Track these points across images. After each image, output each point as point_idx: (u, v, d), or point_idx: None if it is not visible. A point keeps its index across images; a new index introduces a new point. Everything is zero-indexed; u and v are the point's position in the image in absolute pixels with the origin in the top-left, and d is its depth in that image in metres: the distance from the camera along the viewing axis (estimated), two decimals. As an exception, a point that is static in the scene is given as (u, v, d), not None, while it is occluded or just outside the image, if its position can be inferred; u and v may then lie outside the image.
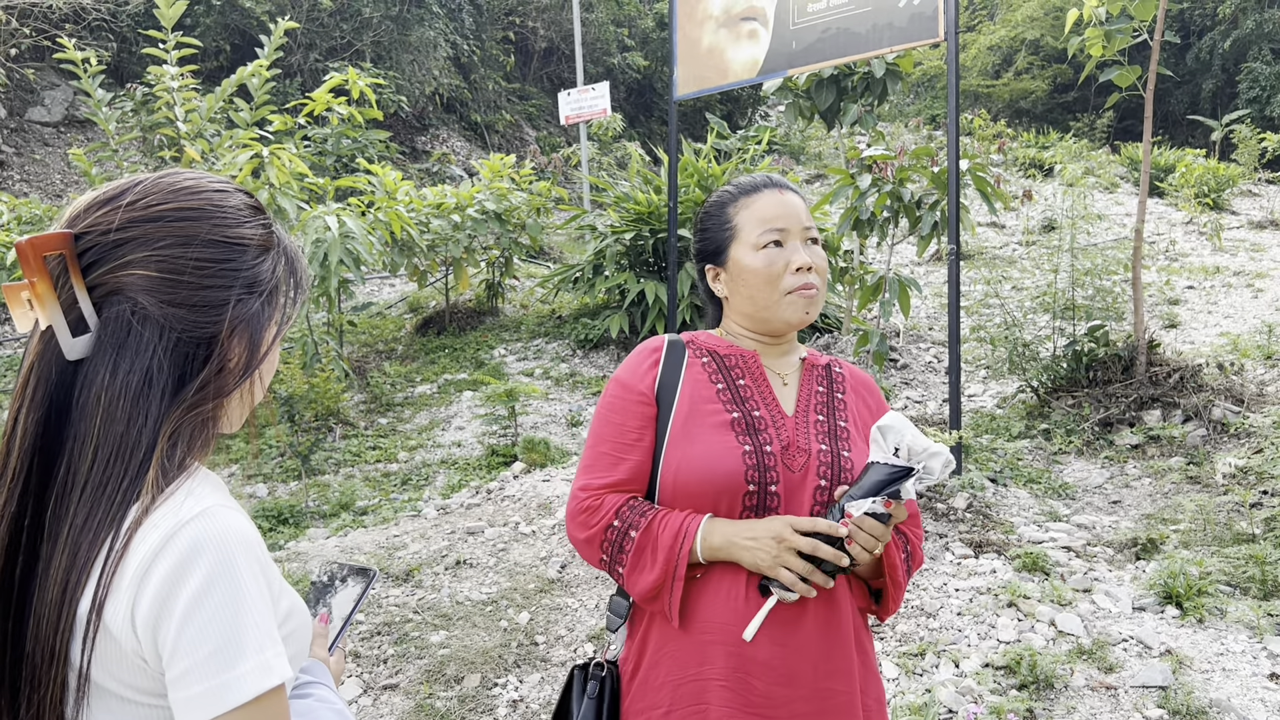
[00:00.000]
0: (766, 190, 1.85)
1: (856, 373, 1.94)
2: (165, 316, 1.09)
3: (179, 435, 1.09)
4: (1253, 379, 6.92)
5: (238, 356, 1.15)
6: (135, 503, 1.05)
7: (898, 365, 8.47)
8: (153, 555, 1.02)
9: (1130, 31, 6.53)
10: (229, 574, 1.03)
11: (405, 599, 4.47)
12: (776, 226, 1.80)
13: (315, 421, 7.01)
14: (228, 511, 1.08)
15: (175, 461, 1.09)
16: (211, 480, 1.13)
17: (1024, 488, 5.76)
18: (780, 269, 1.79)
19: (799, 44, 6.27)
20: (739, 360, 1.82)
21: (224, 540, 1.04)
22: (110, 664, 1.04)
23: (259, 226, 1.19)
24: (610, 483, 1.75)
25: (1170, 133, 21.87)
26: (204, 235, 1.12)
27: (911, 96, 24.98)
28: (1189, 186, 14.26)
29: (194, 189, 1.15)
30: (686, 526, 1.66)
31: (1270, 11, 20.42)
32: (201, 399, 1.11)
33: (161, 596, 1.01)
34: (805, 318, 1.80)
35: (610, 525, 1.71)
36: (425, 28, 15.52)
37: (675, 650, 1.68)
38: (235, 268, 1.14)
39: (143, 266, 1.08)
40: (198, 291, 1.11)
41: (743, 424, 1.72)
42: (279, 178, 7.17)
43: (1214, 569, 4.40)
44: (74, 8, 11.93)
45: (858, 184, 6.78)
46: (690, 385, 1.78)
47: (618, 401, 1.80)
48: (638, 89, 20.22)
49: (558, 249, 12.47)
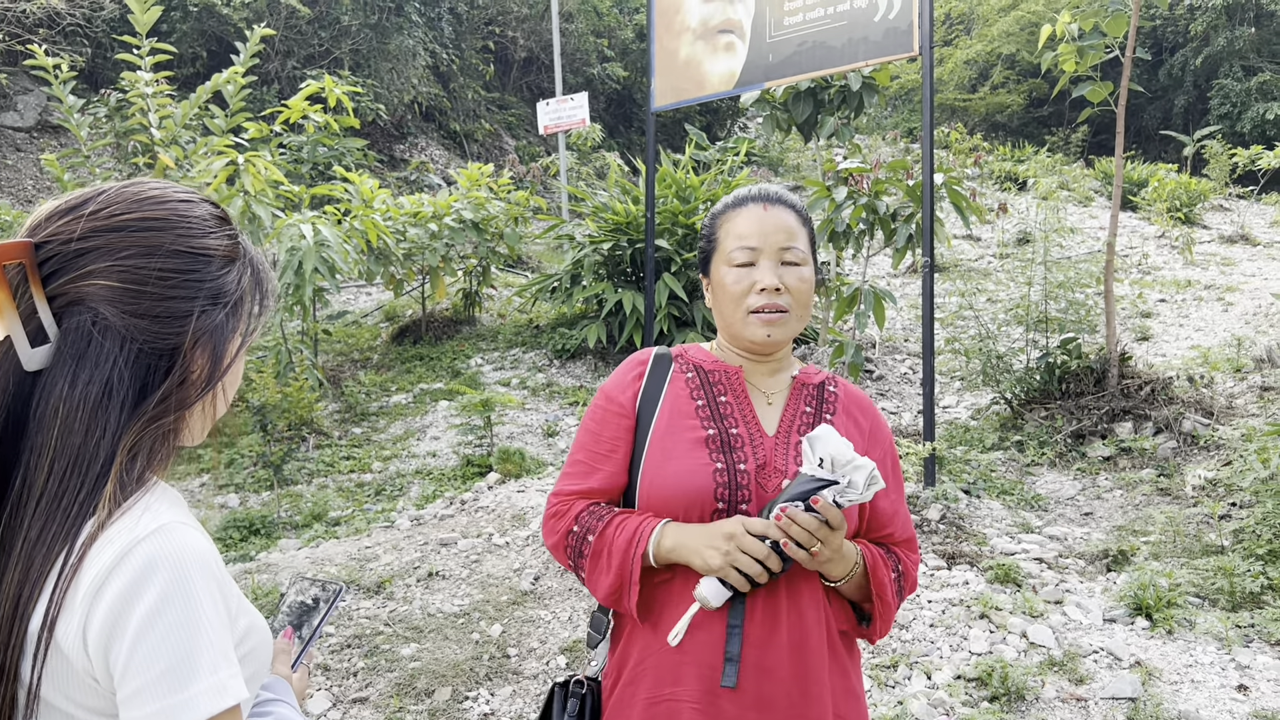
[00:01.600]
0: (751, 205, 1.81)
1: (852, 393, 1.89)
2: (127, 327, 1.07)
3: (139, 448, 1.07)
4: (1222, 392, 6.99)
5: (200, 368, 1.13)
6: (91, 517, 1.03)
7: (873, 376, 8.51)
8: (106, 572, 1.00)
9: (1102, 48, 6.61)
10: (184, 592, 1.01)
11: (376, 611, 4.44)
12: (748, 245, 1.77)
13: (288, 431, 6.95)
14: (184, 528, 1.06)
15: (134, 475, 1.07)
16: (170, 496, 1.12)
17: (997, 499, 5.79)
18: (745, 288, 1.76)
19: (775, 57, 6.30)
20: (723, 376, 1.81)
21: (180, 558, 1.02)
22: (61, 682, 1.02)
23: (224, 237, 1.18)
24: (580, 490, 1.78)
25: (1144, 147, 22.12)
26: (168, 245, 1.11)
27: (889, 109, 25.15)
28: (1161, 201, 14.43)
29: (159, 199, 1.13)
30: (641, 530, 1.66)
31: (1241, 29, 20.71)
32: (162, 411, 1.09)
33: (114, 614, 0.99)
34: (766, 340, 1.76)
35: (571, 530, 1.74)
36: (404, 36, 15.49)
37: (653, 666, 1.68)
38: (199, 279, 1.13)
39: (104, 276, 1.07)
40: (161, 302, 1.09)
41: (717, 441, 1.71)
42: (254, 185, 7.12)
43: (1183, 580, 4.44)
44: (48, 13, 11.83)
45: (834, 196, 6.81)
46: (671, 400, 1.78)
47: (599, 411, 1.82)
48: (617, 99, 20.25)
49: (536, 258, 12.45)
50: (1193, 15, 21.30)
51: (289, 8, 13.91)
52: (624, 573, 1.66)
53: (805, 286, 1.78)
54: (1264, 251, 12.75)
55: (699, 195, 9.09)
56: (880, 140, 19.78)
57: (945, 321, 9.32)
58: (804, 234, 1.82)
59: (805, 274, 1.78)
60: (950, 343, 8.53)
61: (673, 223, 8.74)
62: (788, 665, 1.64)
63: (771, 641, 1.64)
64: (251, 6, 13.69)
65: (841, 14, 5.97)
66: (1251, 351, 7.75)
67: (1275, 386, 6.85)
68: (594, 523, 1.72)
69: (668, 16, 6.92)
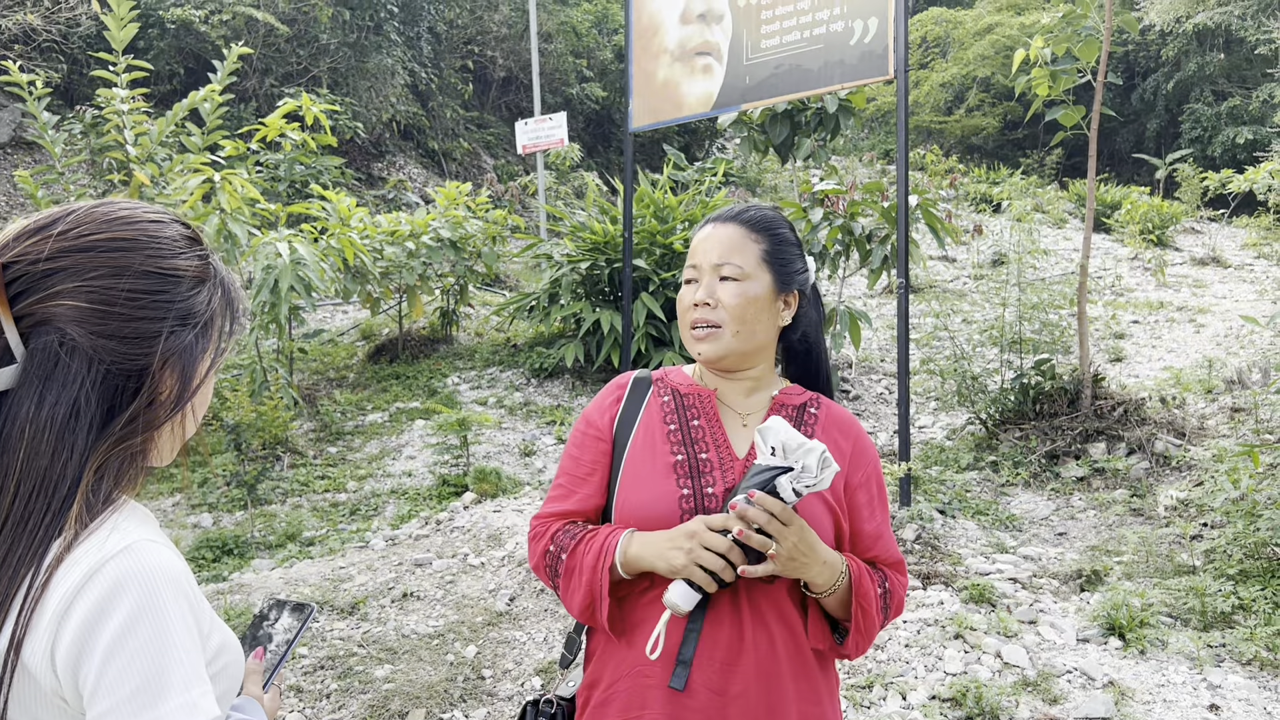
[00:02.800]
0: (710, 225, 1.83)
1: (835, 413, 1.85)
2: (95, 348, 1.07)
3: (106, 469, 1.07)
4: (1194, 412, 7.07)
5: (169, 389, 1.13)
6: (57, 538, 1.03)
7: (850, 396, 8.54)
8: (74, 592, 0.99)
9: (1075, 72, 6.70)
10: (154, 611, 1.01)
11: (350, 632, 4.41)
12: (692, 263, 1.81)
13: (263, 450, 6.90)
14: (154, 546, 1.05)
15: (101, 496, 1.07)
16: (139, 514, 1.11)
17: (972, 519, 5.82)
18: (686, 305, 1.80)
19: (752, 79, 6.35)
20: (696, 399, 1.81)
21: (149, 576, 1.02)
22: (28, 703, 1.01)
23: (195, 258, 1.17)
24: (559, 511, 1.80)
25: (1117, 170, 22.40)
26: (137, 266, 1.11)
27: (866, 131, 25.35)
28: (1134, 223, 14.60)
29: (128, 219, 1.13)
30: (608, 543, 1.67)
31: (1211, 55, 21.05)
32: (130, 432, 1.09)
33: (83, 634, 0.98)
34: (700, 356, 1.78)
35: (548, 550, 1.76)
36: (383, 55, 15.50)
37: (624, 690, 1.68)
38: (169, 299, 1.12)
39: (72, 297, 1.07)
40: (129, 323, 1.09)
41: (685, 467, 1.72)
42: (230, 203, 7.09)
43: (1156, 600, 4.47)
44: (24, 29, 11.77)
45: (810, 217, 6.86)
46: (646, 425, 1.79)
47: (579, 435, 1.85)
48: (596, 119, 20.33)
49: (514, 277, 12.45)
50: (1164, 41, 21.63)
51: (267, 26, 13.90)
52: (594, 587, 1.66)
53: (739, 301, 1.74)
54: (1235, 274, 12.91)
55: (677, 215, 9.12)
56: (857, 161, 19.94)
57: (921, 342, 9.38)
58: (751, 249, 1.77)
59: (742, 288, 1.74)
60: (926, 363, 8.59)
61: (651, 242, 8.76)
62: (755, 691, 1.63)
63: (737, 664, 1.63)
64: (230, 24, 13.67)
65: (818, 37, 6.03)
66: (1222, 373, 7.84)
67: (1245, 408, 6.93)
68: (567, 540, 1.73)
69: (646, 38, 6.97)
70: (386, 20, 15.62)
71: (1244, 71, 21.06)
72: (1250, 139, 19.32)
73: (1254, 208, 15.45)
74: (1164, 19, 19.72)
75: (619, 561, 1.65)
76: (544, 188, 13.68)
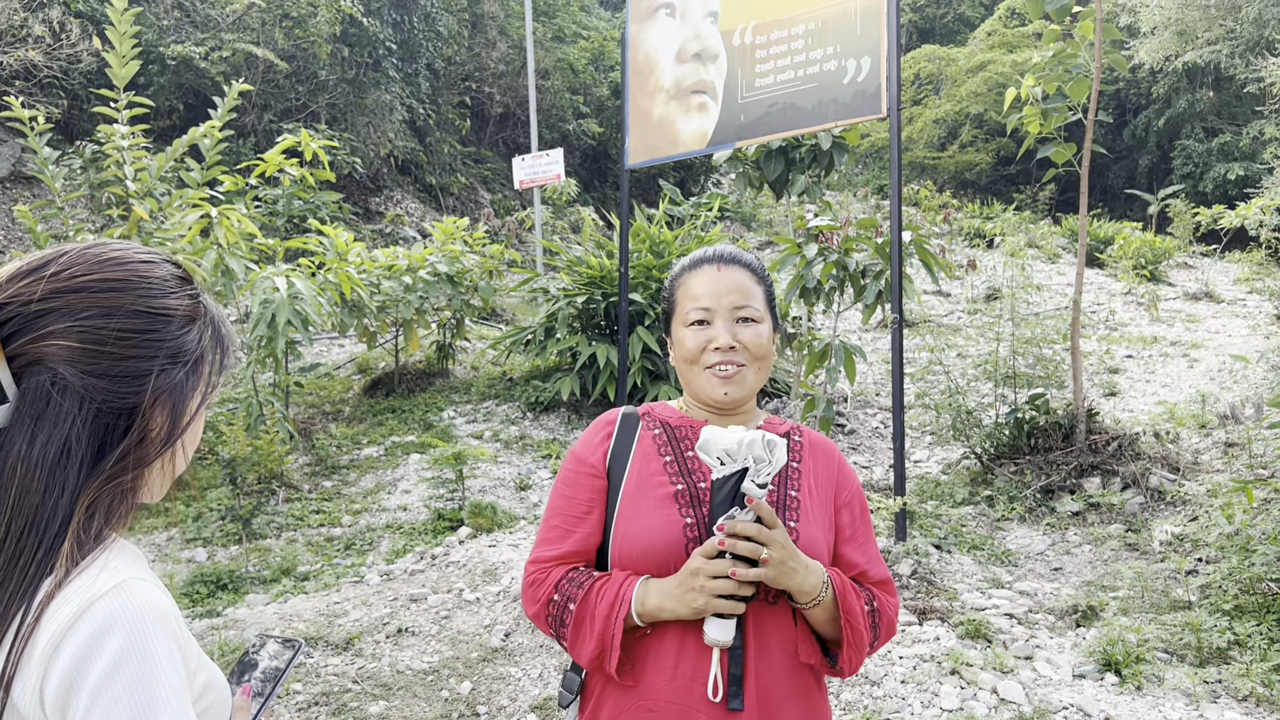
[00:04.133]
0: (705, 267, 1.84)
1: (815, 439, 1.91)
2: (86, 387, 1.08)
3: (97, 507, 1.08)
4: (1188, 447, 7.08)
5: (159, 427, 1.14)
6: (48, 576, 1.03)
7: (845, 430, 8.55)
8: (64, 631, 1.00)
9: (1066, 110, 6.77)
10: (142, 649, 1.01)
11: (344, 668, 4.38)
12: (702, 305, 1.80)
13: (258, 484, 6.89)
14: (143, 585, 1.06)
15: (92, 534, 1.07)
16: (129, 552, 1.12)
17: (968, 554, 5.81)
18: (701, 347, 1.79)
19: (747, 117, 6.42)
20: (689, 431, 1.82)
21: (138, 615, 1.03)
22: None
23: (185, 297, 1.19)
24: (558, 555, 1.78)
25: (1110, 205, 22.57)
26: (128, 306, 1.12)
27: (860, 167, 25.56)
28: (1127, 258, 14.70)
29: (119, 260, 1.15)
30: (623, 594, 1.66)
31: (1201, 93, 21.28)
32: (121, 470, 1.10)
33: (71, 673, 0.99)
34: (724, 398, 1.78)
35: (552, 599, 1.73)
36: (381, 91, 15.63)
37: None
38: (159, 338, 1.14)
39: (64, 337, 1.08)
40: (120, 362, 1.10)
41: (686, 496, 1.73)
42: (228, 238, 7.13)
43: (1152, 636, 4.46)
44: (25, 65, 11.87)
45: (804, 253, 6.90)
46: (640, 458, 1.80)
47: (570, 474, 1.83)
48: (593, 155, 20.47)
49: (510, 311, 12.49)
50: (1154, 79, 21.87)
51: (267, 62, 14.03)
52: (605, 637, 1.66)
53: (761, 342, 1.80)
54: (1228, 309, 12.98)
55: (672, 250, 9.17)
56: (851, 197, 20.07)
57: (915, 376, 9.41)
58: (759, 292, 1.84)
59: (761, 330, 1.81)
60: (921, 397, 8.60)
61: (646, 277, 8.81)
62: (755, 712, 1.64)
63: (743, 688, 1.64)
64: (230, 61, 13.80)
65: (811, 76, 6.10)
66: (1216, 408, 7.86)
67: (1239, 443, 6.94)
68: (574, 590, 1.72)
69: (642, 77, 7.04)
70: (385, 57, 15.77)
71: (1234, 109, 21.29)
72: (1241, 175, 19.49)
73: (1246, 243, 15.56)
74: (1154, 57, 19.96)
75: (635, 611, 1.65)
76: (541, 222, 13.76)
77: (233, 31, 14.13)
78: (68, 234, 7.62)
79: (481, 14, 19.24)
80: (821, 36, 6.07)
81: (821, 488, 1.82)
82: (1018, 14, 25.07)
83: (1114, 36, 6.70)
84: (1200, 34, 19.48)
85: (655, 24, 7.02)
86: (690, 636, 1.65)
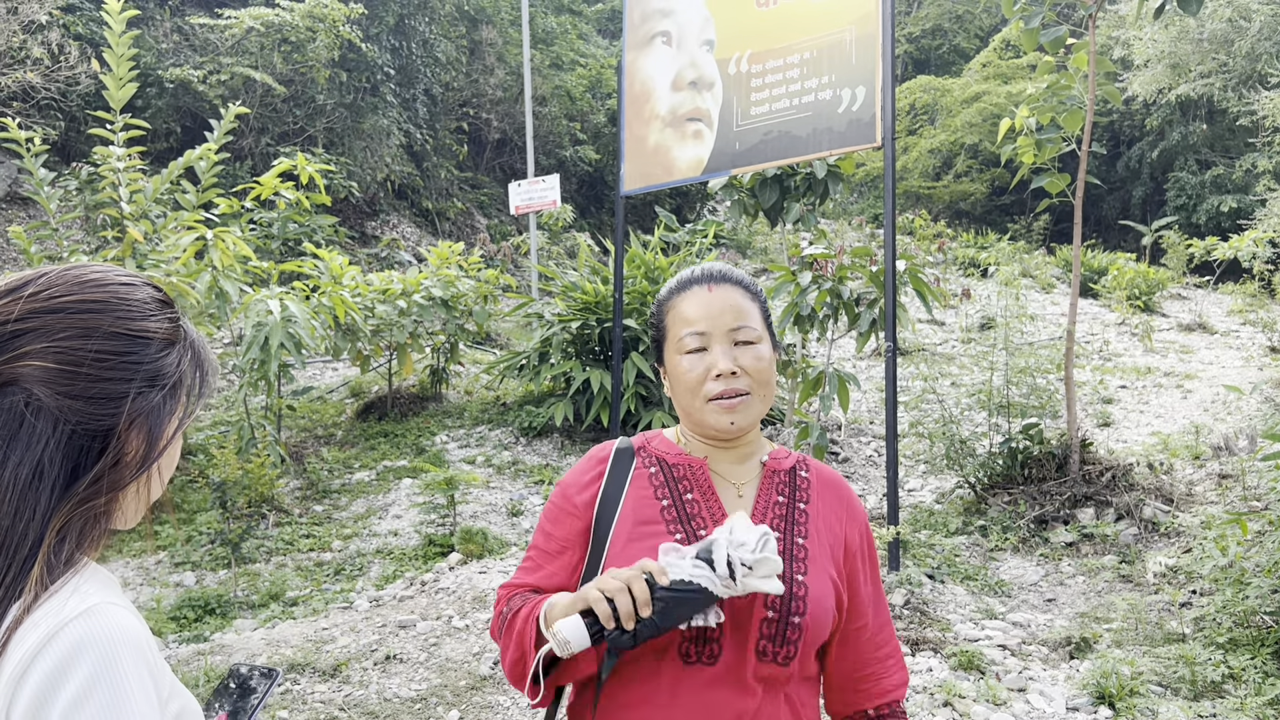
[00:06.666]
0: (695, 288, 1.70)
1: (824, 474, 1.76)
2: (61, 408, 1.07)
3: (68, 530, 1.06)
4: (1182, 479, 7.06)
5: (135, 450, 1.12)
6: (17, 600, 1.01)
7: (839, 459, 8.52)
8: (32, 655, 0.98)
9: (1060, 141, 6.81)
10: (112, 675, 0.99)
11: (331, 695, 4.33)
12: (696, 330, 1.66)
13: (248, 508, 6.84)
14: (114, 609, 1.04)
15: (62, 557, 1.05)
16: (100, 577, 1.10)
17: (961, 584, 5.78)
18: (701, 375, 1.64)
19: (742, 145, 6.44)
20: (687, 471, 1.70)
21: (109, 640, 1.00)
22: None
23: (165, 320, 1.18)
24: (525, 584, 1.71)
25: (1103, 236, 22.68)
26: (105, 327, 1.11)
27: (855, 195, 25.67)
28: (1121, 289, 14.75)
29: (99, 282, 1.14)
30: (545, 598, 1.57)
31: (1194, 125, 21.44)
32: (94, 493, 1.08)
33: (40, 698, 0.97)
34: (730, 428, 1.64)
35: (500, 613, 1.67)
36: (379, 116, 15.70)
37: None
38: (136, 360, 1.12)
39: (40, 358, 1.07)
40: (95, 384, 1.09)
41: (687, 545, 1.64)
42: (223, 260, 7.12)
43: (1145, 669, 4.43)
44: (23, 86, 11.90)
45: (799, 281, 6.90)
46: (633, 502, 1.67)
47: (554, 510, 1.73)
48: (589, 181, 20.55)
49: (505, 336, 12.47)
50: (1148, 111, 22.04)
51: (265, 86, 14.09)
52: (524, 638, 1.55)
53: (763, 365, 1.66)
54: (1221, 340, 13.00)
55: (667, 276, 9.19)
56: (846, 225, 20.14)
57: (909, 405, 9.39)
58: (755, 310, 1.70)
59: (762, 352, 1.66)
60: (914, 426, 8.59)
61: (641, 303, 8.81)
62: None
63: None
64: (227, 84, 13.86)
65: (806, 105, 6.13)
66: (1210, 439, 7.85)
67: (1233, 474, 6.93)
68: (519, 603, 1.64)
69: (638, 104, 7.07)
70: (383, 82, 15.85)
71: (1227, 141, 21.45)
72: (1235, 207, 19.62)
73: (1239, 274, 15.63)
74: (1147, 90, 20.13)
75: (544, 611, 1.51)
76: (536, 248, 13.78)
77: (231, 55, 14.20)
78: (62, 255, 7.62)
79: (480, 41, 19.36)
80: (817, 66, 6.11)
81: (830, 530, 1.70)
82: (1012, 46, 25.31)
83: (1107, 69, 6.74)
84: (1193, 67, 19.66)
85: (652, 52, 7.06)
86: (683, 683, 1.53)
